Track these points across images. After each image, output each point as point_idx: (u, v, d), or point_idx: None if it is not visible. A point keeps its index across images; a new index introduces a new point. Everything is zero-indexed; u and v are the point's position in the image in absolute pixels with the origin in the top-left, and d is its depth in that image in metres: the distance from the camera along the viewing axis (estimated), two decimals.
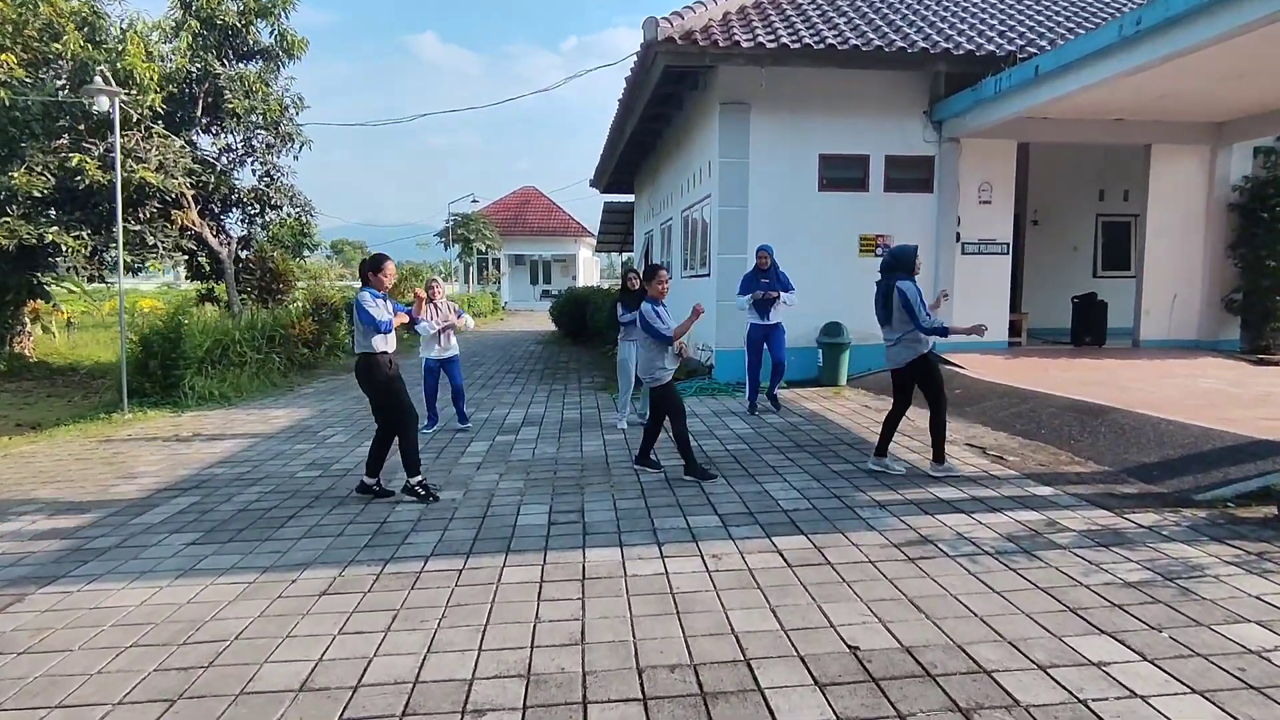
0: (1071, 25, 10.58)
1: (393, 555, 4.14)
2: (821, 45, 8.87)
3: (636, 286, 7.62)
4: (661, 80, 10.42)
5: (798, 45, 8.82)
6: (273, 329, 12.24)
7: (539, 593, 3.59)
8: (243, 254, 14.71)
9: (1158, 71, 7.29)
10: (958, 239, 10.34)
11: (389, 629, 3.23)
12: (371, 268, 5.14)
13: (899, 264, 5.52)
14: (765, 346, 8.14)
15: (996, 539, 4.14)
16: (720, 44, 8.71)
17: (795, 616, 3.26)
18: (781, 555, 3.98)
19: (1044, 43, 9.65)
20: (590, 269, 42.44)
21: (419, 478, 5.16)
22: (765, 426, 7.41)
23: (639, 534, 4.37)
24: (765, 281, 7.88)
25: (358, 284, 5.31)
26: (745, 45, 8.73)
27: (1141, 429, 6.11)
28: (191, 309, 11.81)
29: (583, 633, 3.14)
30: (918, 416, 7.47)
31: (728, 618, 3.26)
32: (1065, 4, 11.58)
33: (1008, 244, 10.56)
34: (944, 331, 5.36)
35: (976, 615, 3.24)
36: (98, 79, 7.74)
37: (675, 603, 3.43)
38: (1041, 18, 10.90)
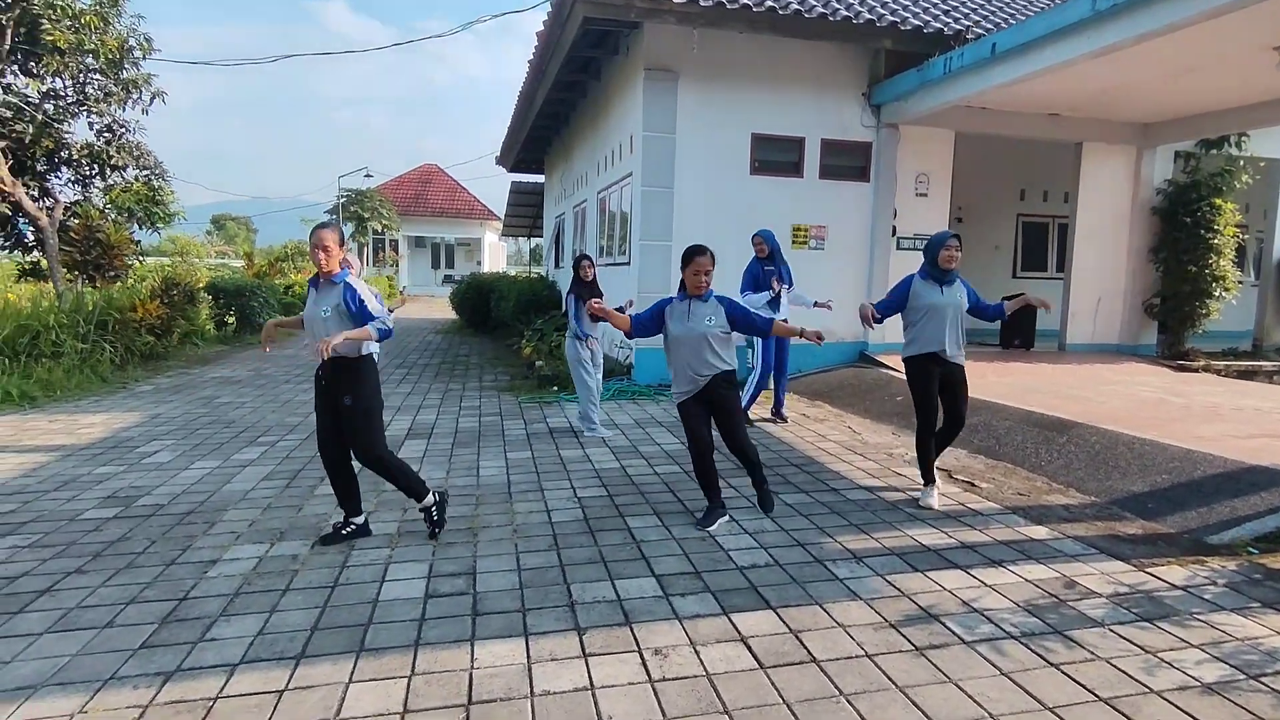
0: (1019, 7, 10.09)
1: (179, 663, 2.77)
2: (761, 7, 7.87)
3: (591, 277, 6.55)
4: (579, 42, 9.16)
5: (735, 6, 7.77)
6: (105, 313, 10.18)
7: None
8: (73, 223, 12.30)
9: (1117, 58, 6.74)
10: (894, 233, 9.67)
11: None
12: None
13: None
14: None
15: (1014, 610, 3.23)
16: None
17: None
18: (748, 647, 2.90)
19: (989, 24, 9.06)
20: (497, 254, 40.37)
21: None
22: None
23: (551, 613, 3.19)
24: (770, 269, 6.88)
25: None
26: (676, 1, 7.61)
27: (1114, 449, 5.47)
28: None
29: None
30: (863, 430, 6.70)
31: None
32: None
33: None
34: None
35: None
36: None
37: None
38: None
